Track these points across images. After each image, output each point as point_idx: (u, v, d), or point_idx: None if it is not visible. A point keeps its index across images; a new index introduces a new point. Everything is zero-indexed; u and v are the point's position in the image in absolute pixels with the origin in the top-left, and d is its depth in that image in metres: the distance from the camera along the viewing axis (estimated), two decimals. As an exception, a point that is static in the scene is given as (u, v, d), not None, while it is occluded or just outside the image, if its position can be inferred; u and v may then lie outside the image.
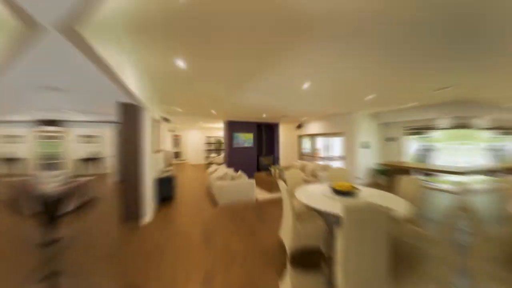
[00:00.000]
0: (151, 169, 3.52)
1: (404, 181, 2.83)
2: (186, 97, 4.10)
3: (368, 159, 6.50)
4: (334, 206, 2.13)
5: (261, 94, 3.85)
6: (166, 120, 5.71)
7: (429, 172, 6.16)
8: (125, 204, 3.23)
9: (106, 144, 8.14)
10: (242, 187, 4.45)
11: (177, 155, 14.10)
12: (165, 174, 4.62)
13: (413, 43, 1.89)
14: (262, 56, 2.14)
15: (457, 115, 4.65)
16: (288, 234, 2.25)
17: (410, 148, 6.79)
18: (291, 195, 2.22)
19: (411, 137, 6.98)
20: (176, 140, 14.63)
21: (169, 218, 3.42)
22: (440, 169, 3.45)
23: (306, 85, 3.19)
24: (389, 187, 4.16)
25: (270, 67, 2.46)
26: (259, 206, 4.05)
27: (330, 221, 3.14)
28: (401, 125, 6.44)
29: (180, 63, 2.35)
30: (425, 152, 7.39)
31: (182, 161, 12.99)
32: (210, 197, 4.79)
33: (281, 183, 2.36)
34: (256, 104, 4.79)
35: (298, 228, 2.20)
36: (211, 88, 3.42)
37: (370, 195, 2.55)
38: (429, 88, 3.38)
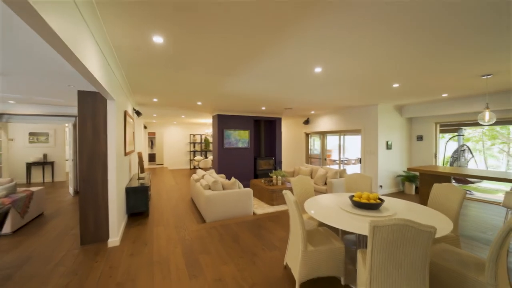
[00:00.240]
0: (119, 176, 3.41)
1: (440, 190, 2.81)
2: (165, 84, 3.99)
3: (391, 162, 6.51)
4: (356, 223, 2.08)
5: (260, 81, 3.78)
6: (137, 113, 5.58)
7: (469, 179, 6.19)
8: (84, 222, 3.10)
9: (60, 144, 7.93)
10: (236, 198, 4.37)
11: (152, 158, 13.93)
12: (139, 183, 4.50)
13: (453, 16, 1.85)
14: (262, 30, 2.07)
15: (503, 108, 4.69)
16: (296, 260, 2.19)
17: (445, 149, 6.85)
18: (300, 208, 2.15)
19: (446, 135, 7.06)
20: (151, 140, 14.46)
21: (143, 239, 3.31)
22: (487, 175, 3.45)
23: (318, 69, 3.13)
24: (421, 198, 4.16)
25: (272, 45, 2.39)
26: (258, 223, 3.98)
27: (351, 243, 3.11)
28: (433, 121, 6.48)
29: (158, 40, 2.26)
30: (462, 154, 7.50)
31: (158, 166, 12.83)
32: (195, 211, 4.69)
33: (287, 194, 2.29)
34: (254, 93, 4.72)
35: (310, 253, 2.14)
36: (197, 72, 3.33)
37: (398, 208, 2.52)
38: (472, 74, 3.37)
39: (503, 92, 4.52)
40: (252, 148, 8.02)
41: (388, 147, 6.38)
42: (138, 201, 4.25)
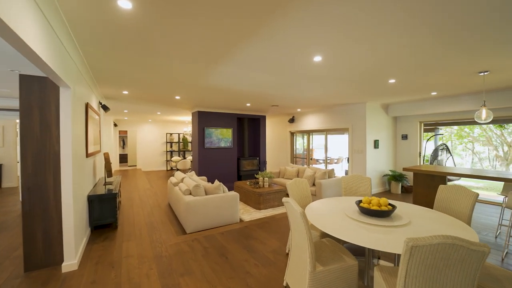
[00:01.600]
0: (78, 182, 2.80)
1: (447, 193, 2.62)
2: (136, 72, 3.41)
3: (379, 161, 6.46)
4: (373, 236, 1.76)
5: (249, 72, 3.36)
6: (103, 107, 4.87)
7: (449, 178, 6.29)
8: (30, 242, 2.46)
9: (10, 143, 6.82)
10: (220, 204, 3.92)
11: (123, 159, 12.85)
12: (105, 189, 3.85)
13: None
14: (252, 10, 1.66)
15: (495, 107, 4.77)
16: (302, 282, 1.82)
17: (425, 148, 6.97)
18: (308, 222, 1.78)
19: (428, 134, 7.20)
20: (122, 139, 13.35)
21: (109, 259, 2.73)
22: (485, 175, 3.36)
23: (317, 58, 2.79)
24: (414, 198, 4.03)
25: (267, 24, 1.99)
26: (246, 232, 3.56)
27: (351, 251, 2.81)
28: (418, 120, 6.54)
29: (125, 4, 1.75)
30: (441, 153, 7.74)
31: (131, 167, 11.84)
32: (174, 219, 4.14)
33: (290, 204, 1.91)
34: (241, 86, 4.29)
35: (320, 273, 1.78)
36: (175, 58, 2.83)
37: (411, 215, 2.25)
38: (469, 71, 3.27)
39: (500, 90, 4.57)
40: (236, 148, 7.57)
41: (376, 146, 6.31)
42: (104, 211, 3.62)
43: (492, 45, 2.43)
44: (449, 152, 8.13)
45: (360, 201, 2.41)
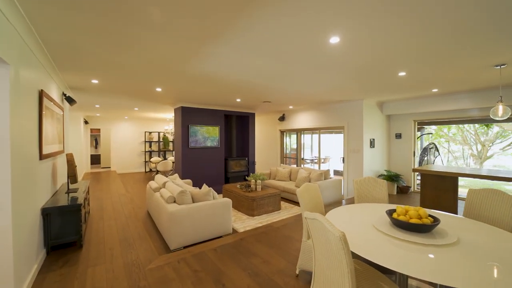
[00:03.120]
0: (27, 193, 2.11)
1: (479, 198, 2.29)
2: (106, 51, 2.75)
3: (374, 161, 6.22)
4: (412, 257, 1.33)
5: (246, 56, 2.84)
6: (68, 100, 4.09)
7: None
8: None
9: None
10: (211, 212, 3.35)
11: (96, 160, 11.71)
12: (68, 198, 3.12)
13: None
14: None
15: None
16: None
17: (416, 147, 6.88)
18: (349, 249, 1.31)
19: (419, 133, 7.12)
20: (95, 138, 12.17)
21: (67, 294, 2.08)
22: (498, 175, 3.12)
23: (334, 39, 2.34)
24: (422, 200, 3.74)
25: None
26: (243, 246, 3.04)
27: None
28: (412, 118, 6.39)
29: None
30: (431, 152, 7.74)
31: (104, 169, 10.77)
32: (154, 232, 3.50)
33: (321, 221, 1.42)
34: (233, 76, 3.74)
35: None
36: (162, 34, 2.23)
37: (457, 229, 1.83)
38: (485, 64, 3.01)
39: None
40: (223, 147, 6.98)
41: (372, 145, 6.05)
42: (65, 227, 2.90)
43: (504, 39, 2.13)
44: (438, 151, 8.22)
45: (392, 211, 1.99)
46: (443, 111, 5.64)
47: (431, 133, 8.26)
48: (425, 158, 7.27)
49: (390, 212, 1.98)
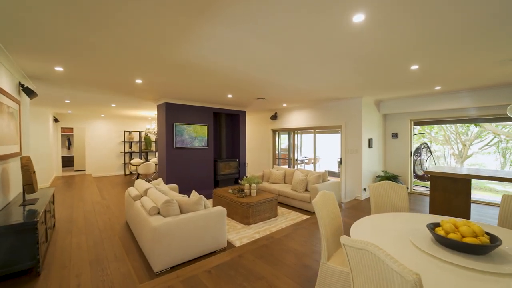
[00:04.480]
0: None
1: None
2: (70, 24, 2.18)
3: (372, 162, 5.99)
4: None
5: (247, 38, 2.38)
6: (26, 91, 3.41)
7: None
8: None
9: None
10: (202, 225, 2.86)
11: (68, 162, 10.68)
12: (23, 213, 2.49)
13: None
14: None
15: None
16: None
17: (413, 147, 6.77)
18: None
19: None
20: (68, 138, 11.11)
21: None
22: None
23: (359, 17, 1.94)
24: (432, 205, 3.45)
25: None
26: (242, 266, 2.57)
27: None
28: (409, 118, 6.24)
29: None
30: (423, 152, 7.69)
31: (78, 172, 9.81)
32: (135, 250, 2.95)
33: (378, 255, 1.01)
34: (227, 64, 3.27)
35: None
36: (133, 9, 1.72)
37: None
38: (499, 59, 2.78)
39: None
40: (212, 148, 6.45)
41: (370, 145, 5.81)
42: (16, 251, 2.29)
43: None
44: (430, 151, 8.21)
45: (435, 225, 1.63)
46: (441, 110, 5.51)
47: (423, 133, 8.22)
48: (418, 159, 7.20)
49: (432, 226, 1.63)
